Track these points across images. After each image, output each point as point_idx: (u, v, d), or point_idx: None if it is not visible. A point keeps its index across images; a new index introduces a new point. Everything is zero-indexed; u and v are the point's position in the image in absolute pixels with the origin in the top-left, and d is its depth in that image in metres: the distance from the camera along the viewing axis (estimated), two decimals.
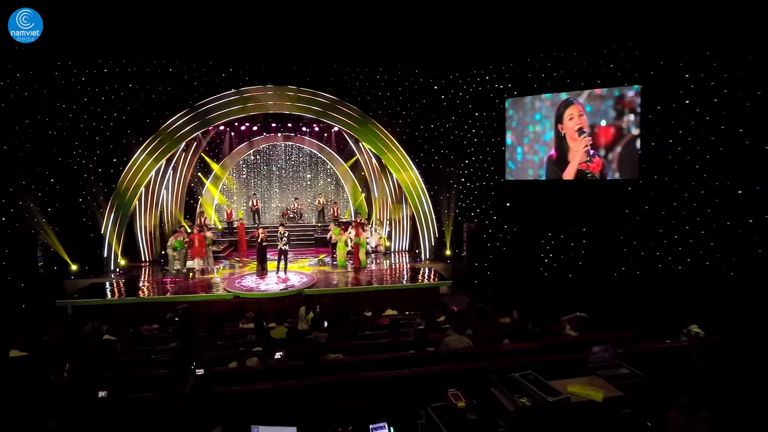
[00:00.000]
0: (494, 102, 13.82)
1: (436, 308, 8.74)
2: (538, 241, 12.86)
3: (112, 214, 13.70)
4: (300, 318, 7.37)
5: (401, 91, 15.35)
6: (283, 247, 12.63)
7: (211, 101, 14.01)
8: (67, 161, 13.18)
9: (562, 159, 12.37)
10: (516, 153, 13.35)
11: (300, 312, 7.36)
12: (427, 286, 12.31)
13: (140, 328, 7.63)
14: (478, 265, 14.12)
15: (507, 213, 13.71)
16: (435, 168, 15.55)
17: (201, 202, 18.55)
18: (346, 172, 19.90)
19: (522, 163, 13.21)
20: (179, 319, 9.19)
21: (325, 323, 7.19)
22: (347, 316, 9.09)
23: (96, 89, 13.30)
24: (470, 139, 14.71)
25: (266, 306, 10.90)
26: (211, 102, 14.02)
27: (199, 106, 13.95)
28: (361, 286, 12.07)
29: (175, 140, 13.90)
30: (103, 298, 10.87)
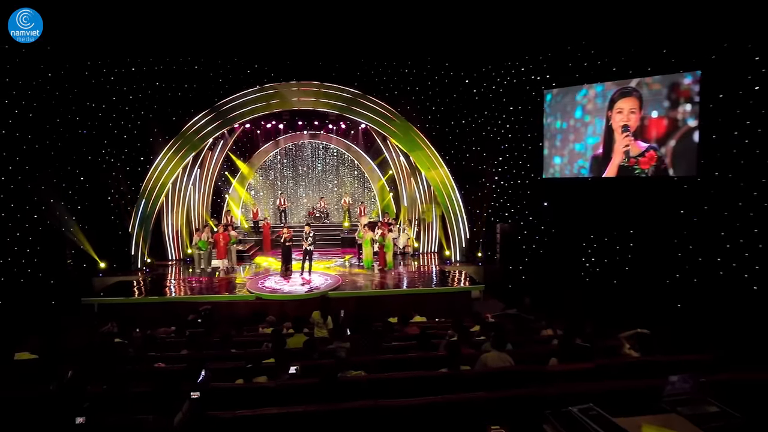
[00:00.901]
0: (531, 94, 12.92)
1: (469, 316, 8.04)
2: (579, 243, 11.88)
3: (139, 212, 13.68)
4: (314, 324, 6.83)
5: (430, 85, 14.68)
6: (308, 247, 12.20)
7: (233, 99, 13.80)
8: (96, 160, 13.24)
9: (607, 155, 11.35)
10: (555, 149, 12.40)
11: (313, 317, 6.82)
12: (458, 290, 11.57)
13: (156, 330, 7.31)
14: (512, 268, 13.24)
15: (544, 213, 12.78)
16: (466, 166, 14.78)
17: (228, 201, 18.45)
18: (374, 171, 19.37)
19: (562, 160, 12.24)
20: (201, 320, 8.89)
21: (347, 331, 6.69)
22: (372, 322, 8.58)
23: (124, 88, 13.32)
24: (504, 135, 13.85)
25: (289, 308, 10.49)
26: (234, 100, 13.81)
27: (221, 105, 13.76)
28: (387, 290, 11.47)
29: (198, 140, 13.75)
30: (127, 297, 10.73)
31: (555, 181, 12.41)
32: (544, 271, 12.62)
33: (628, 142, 11.03)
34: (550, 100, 12.33)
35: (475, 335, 6.23)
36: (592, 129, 11.52)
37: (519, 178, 13.48)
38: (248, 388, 3.84)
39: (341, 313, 8.98)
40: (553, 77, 12.30)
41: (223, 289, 11.53)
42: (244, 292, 11.06)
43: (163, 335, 7.20)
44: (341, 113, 14.50)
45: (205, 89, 13.75)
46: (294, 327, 6.06)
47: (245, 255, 15.42)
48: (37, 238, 11.73)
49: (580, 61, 11.63)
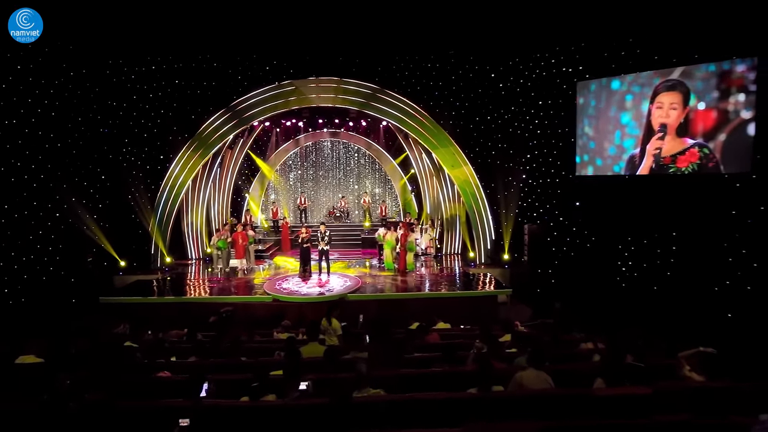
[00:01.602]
0: (561, 87, 12.17)
1: (496, 323, 7.46)
2: (615, 245, 11.07)
3: (158, 211, 13.61)
4: (324, 332, 6.39)
5: (454, 80, 14.10)
6: (324, 247, 11.82)
7: (250, 97, 13.56)
8: (117, 159, 13.23)
9: (644, 151, 10.50)
10: (588, 145, 11.61)
11: (322, 325, 6.39)
12: (483, 295, 10.95)
13: (168, 333, 7.03)
14: (540, 271, 12.52)
15: (576, 213, 12.01)
16: (492, 164, 14.12)
17: (248, 200, 18.32)
18: (395, 170, 18.88)
19: (595, 157, 11.45)
20: (223, 322, 8.62)
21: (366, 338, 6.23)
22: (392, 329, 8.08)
23: (144, 86, 13.27)
24: (533, 131, 13.13)
25: (307, 311, 10.11)
26: (251, 98, 13.57)
27: (237, 104, 13.54)
28: (409, 293, 10.97)
29: (216, 139, 13.57)
30: (144, 297, 10.58)
31: (588, 179, 11.62)
32: (575, 275, 11.85)
33: (660, 145, 10.20)
34: (583, 93, 11.55)
35: (505, 346, 5.66)
36: (630, 123, 10.68)
37: (548, 176, 12.73)
38: (250, 408, 3.40)
39: (360, 318, 8.56)
40: (587, 68, 11.51)
41: (241, 290, 11.27)
42: (261, 293, 10.76)
43: (175, 338, 6.91)
44: (361, 109, 14.05)
45: (223, 87, 13.57)
46: (308, 334, 5.63)
47: (264, 255, 15.18)
48: (59, 237, 11.74)
49: (616, 50, 10.79)
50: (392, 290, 11.21)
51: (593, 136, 11.49)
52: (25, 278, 11.03)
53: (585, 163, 11.67)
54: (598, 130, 11.34)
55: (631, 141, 10.62)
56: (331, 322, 6.45)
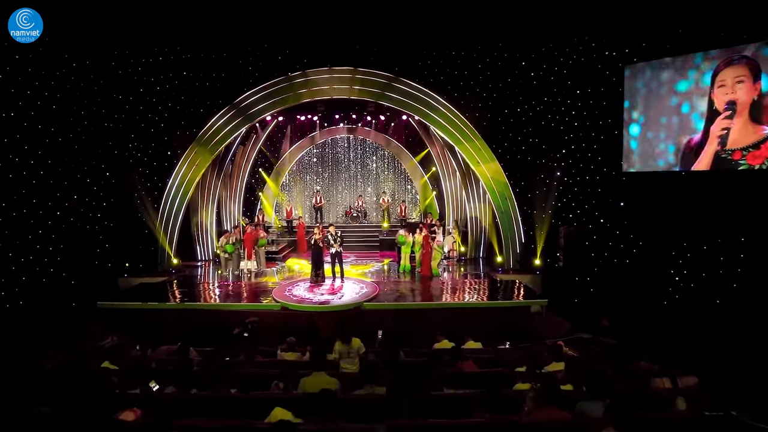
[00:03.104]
0: (604, 74, 10.87)
1: (534, 340, 6.32)
2: (667, 251, 9.73)
3: (165, 209, 12.90)
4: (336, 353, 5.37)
5: (481, 69, 12.90)
6: (337, 249, 10.84)
7: (258, 91, 12.75)
8: (123, 155, 12.54)
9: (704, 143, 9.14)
10: (636, 137, 10.29)
11: (337, 348, 5.35)
12: (515, 305, 9.77)
13: (158, 350, 6.14)
14: (578, 279, 11.25)
15: (620, 214, 10.69)
16: (522, 159, 12.89)
17: (261, 199, 17.53)
18: (416, 168, 17.81)
19: (645, 150, 10.12)
20: (248, 334, 7.75)
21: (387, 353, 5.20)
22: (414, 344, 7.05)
23: (151, 79, 12.54)
24: (569, 124, 11.85)
25: (319, 321, 9.15)
26: (259, 92, 12.74)
27: (244, 99, 12.73)
28: (431, 302, 9.88)
29: (223, 135, 12.82)
30: (144, 302, 9.78)
31: (635, 175, 10.30)
32: (619, 283, 10.56)
33: (727, 125, 8.78)
34: (631, 79, 10.23)
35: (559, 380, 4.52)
36: (687, 111, 9.33)
37: (587, 173, 11.43)
38: None
39: (379, 335, 7.53)
40: (634, 50, 10.18)
41: (248, 296, 10.38)
42: (269, 300, 9.85)
43: (164, 355, 6.01)
44: (378, 101, 13.04)
45: (233, 79, 12.74)
46: (314, 359, 4.61)
47: (276, 257, 14.31)
48: (60, 236, 11.12)
49: (670, 27, 9.40)
50: (412, 299, 10.15)
51: (642, 127, 10.16)
52: (24, 280, 10.42)
53: (632, 157, 10.34)
54: (649, 121, 10.01)
55: (690, 127, 9.25)
56: (351, 341, 5.40)
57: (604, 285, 10.84)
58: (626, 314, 9.25)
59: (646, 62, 9.95)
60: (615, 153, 10.62)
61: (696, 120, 9.25)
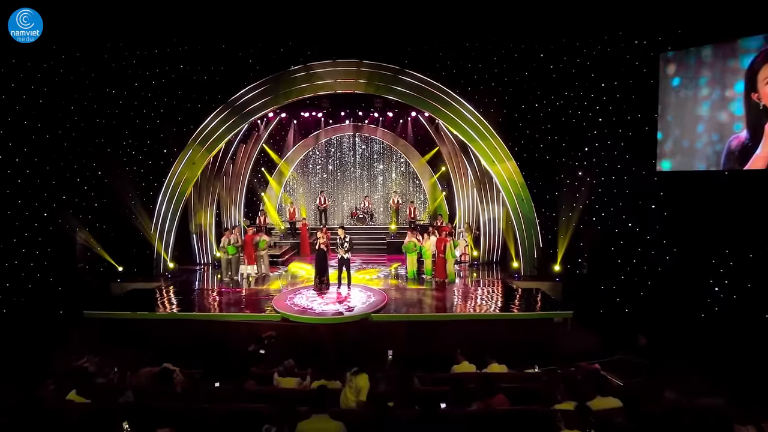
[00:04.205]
0: (633, 64, 9.99)
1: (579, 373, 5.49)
2: (706, 258, 8.84)
3: (162, 210, 12.18)
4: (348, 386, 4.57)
5: (496, 61, 12.05)
6: (344, 255, 10.04)
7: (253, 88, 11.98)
8: (116, 152, 11.82)
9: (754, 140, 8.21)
10: (673, 133, 9.39)
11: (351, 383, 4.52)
12: (537, 317, 8.93)
13: (138, 374, 5.37)
14: (604, 287, 10.38)
15: (652, 217, 9.80)
16: (540, 158, 12.02)
17: (263, 200, 16.78)
18: (425, 167, 16.99)
19: (682, 148, 9.21)
20: (264, 351, 6.98)
21: None
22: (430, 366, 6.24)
23: (147, 72, 11.81)
24: (593, 120, 10.97)
25: (323, 334, 8.38)
26: (260, 86, 11.98)
27: (239, 97, 11.96)
28: (446, 314, 9.07)
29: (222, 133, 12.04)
30: (133, 311, 9.04)
31: (669, 176, 9.40)
32: (649, 293, 9.70)
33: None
34: (667, 69, 9.32)
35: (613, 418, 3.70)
36: (732, 105, 8.42)
37: (613, 172, 10.54)
38: None
39: (389, 355, 6.73)
40: (670, 37, 9.25)
41: (248, 305, 9.61)
42: (270, 310, 9.07)
43: (144, 380, 5.24)
44: (386, 95, 12.21)
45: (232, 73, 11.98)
46: (316, 399, 3.80)
47: (278, 261, 13.54)
48: (48, 239, 10.42)
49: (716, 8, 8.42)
50: (425, 309, 9.34)
51: (678, 123, 9.26)
52: (7, 286, 9.73)
53: (666, 155, 9.44)
54: (686, 115, 9.10)
55: (737, 126, 8.35)
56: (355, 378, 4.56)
57: (632, 294, 9.97)
58: (658, 328, 8.42)
59: (680, 51, 9.04)
60: (645, 151, 9.72)
61: (734, 117, 8.34)
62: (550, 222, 11.95)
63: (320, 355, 7.53)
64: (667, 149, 9.36)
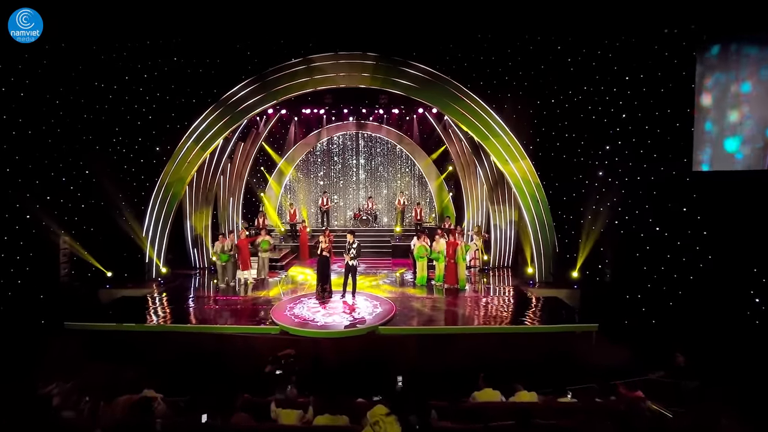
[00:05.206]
0: (662, 55, 9.24)
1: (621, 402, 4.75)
2: (746, 267, 8.09)
3: (154, 212, 11.46)
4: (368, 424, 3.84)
5: (510, 54, 11.31)
6: (350, 262, 9.29)
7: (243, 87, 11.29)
8: (106, 150, 11.09)
9: None
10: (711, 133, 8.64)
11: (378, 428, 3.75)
12: (560, 330, 8.19)
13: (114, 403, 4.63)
14: (629, 296, 9.63)
15: (685, 220, 9.05)
16: (557, 157, 11.29)
17: (263, 200, 16.05)
18: (431, 167, 16.26)
19: (721, 148, 8.47)
20: (282, 372, 6.22)
21: None
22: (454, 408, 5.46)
23: (138, 65, 11.08)
24: (615, 115, 10.24)
25: (325, 349, 7.64)
26: (256, 81, 11.30)
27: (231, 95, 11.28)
28: (460, 326, 8.32)
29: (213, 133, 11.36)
30: (118, 323, 8.29)
31: (706, 176, 8.65)
32: (679, 303, 8.96)
33: None
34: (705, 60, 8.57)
35: None
36: None
37: (639, 172, 9.79)
38: None
39: (398, 381, 5.97)
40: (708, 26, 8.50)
41: (244, 315, 8.88)
42: (268, 322, 8.33)
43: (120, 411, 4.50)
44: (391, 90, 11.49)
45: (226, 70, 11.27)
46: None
47: (277, 265, 12.80)
48: (30, 243, 9.69)
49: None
50: (437, 320, 8.60)
51: (716, 119, 8.51)
52: None
53: (701, 154, 8.70)
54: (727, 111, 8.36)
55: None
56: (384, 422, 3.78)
57: (660, 305, 9.22)
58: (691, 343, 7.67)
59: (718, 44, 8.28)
60: (677, 149, 8.98)
61: None
62: (567, 225, 11.23)
63: (320, 373, 6.79)
64: (704, 148, 8.61)
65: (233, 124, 11.56)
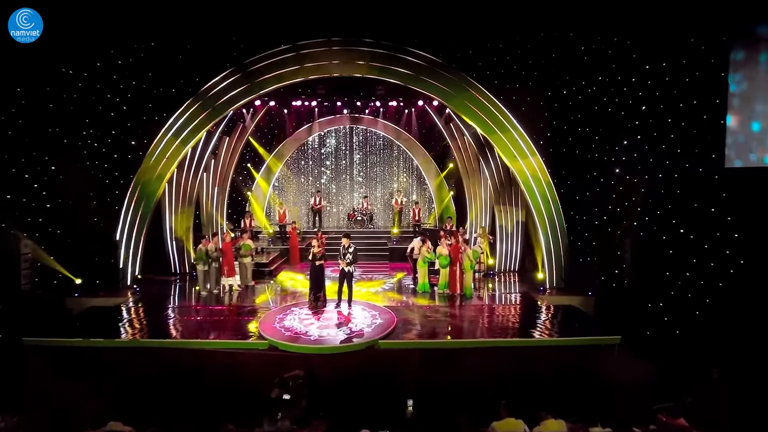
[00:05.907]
0: (687, 41, 8.47)
1: None
2: None
3: (129, 212, 10.44)
4: None
5: (518, 42, 10.52)
6: (346, 268, 8.37)
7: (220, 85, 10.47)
8: (75, 144, 10.01)
9: None
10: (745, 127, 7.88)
11: None
12: (582, 344, 7.36)
13: None
14: (650, 305, 8.84)
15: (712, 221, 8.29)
16: (569, 153, 10.50)
17: (250, 200, 15.04)
18: (430, 164, 15.38)
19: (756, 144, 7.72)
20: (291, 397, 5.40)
21: None
22: None
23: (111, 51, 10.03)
24: (634, 108, 9.45)
25: (318, 367, 6.72)
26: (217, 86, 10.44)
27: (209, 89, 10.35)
28: (468, 340, 7.44)
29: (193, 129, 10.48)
30: (85, 338, 7.27)
31: (738, 173, 7.89)
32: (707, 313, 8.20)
33: None
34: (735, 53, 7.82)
35: None
36: None
37: (660, 169, 8.98)
38: None
39: (409, 406, 5.08)
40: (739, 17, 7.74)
41: (228, 328, 7.92)
42: (255, 336, 7.39)
43: None
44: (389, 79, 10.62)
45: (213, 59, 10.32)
46: None
47: (265, 270, 11.82)
48: None
49: None
50: (442, 332, 7.73)
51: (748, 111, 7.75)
52: None
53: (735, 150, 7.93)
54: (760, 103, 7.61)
55: None
56: None
57: (685, 314, 8.45)
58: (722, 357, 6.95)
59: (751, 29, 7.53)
60: (704, 145, 8.21)
61: None
62: (581, 227, 10.43)
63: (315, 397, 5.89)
64: (737, 143, 7.85)
65: (216, 116, 10.61)
